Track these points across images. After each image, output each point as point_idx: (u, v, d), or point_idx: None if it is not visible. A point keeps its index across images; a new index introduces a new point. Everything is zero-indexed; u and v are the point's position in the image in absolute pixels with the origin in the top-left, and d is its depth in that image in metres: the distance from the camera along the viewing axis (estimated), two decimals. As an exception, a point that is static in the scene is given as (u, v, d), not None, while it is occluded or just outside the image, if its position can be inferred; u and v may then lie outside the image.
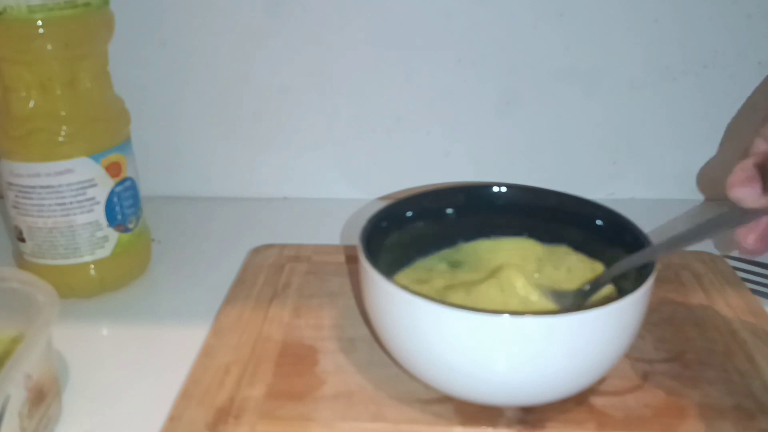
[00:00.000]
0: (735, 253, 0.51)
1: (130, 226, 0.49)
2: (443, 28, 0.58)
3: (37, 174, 0.45)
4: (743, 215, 0.35)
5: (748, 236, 0.36)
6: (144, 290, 0.50)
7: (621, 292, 0.34)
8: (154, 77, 0.60)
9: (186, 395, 0.37)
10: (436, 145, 0.62)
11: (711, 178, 0.62)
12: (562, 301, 0.38)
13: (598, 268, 0.41)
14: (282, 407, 0.37)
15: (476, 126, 0.61)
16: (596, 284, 0.39)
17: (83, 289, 0.48)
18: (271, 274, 0.49)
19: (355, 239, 0.38)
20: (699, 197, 0.63)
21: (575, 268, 0.42)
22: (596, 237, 0.42)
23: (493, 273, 0.40)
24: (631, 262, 0.37)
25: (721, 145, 0.61)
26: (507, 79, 0.59)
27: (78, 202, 0.46)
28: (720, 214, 0.35)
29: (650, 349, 0.41)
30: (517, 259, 0.42)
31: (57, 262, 0.47)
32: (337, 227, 0.57)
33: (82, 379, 0.41)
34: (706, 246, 0.52)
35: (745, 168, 0.35)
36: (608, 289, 0.40)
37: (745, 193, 0.34)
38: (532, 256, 0.43)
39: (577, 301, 0.39)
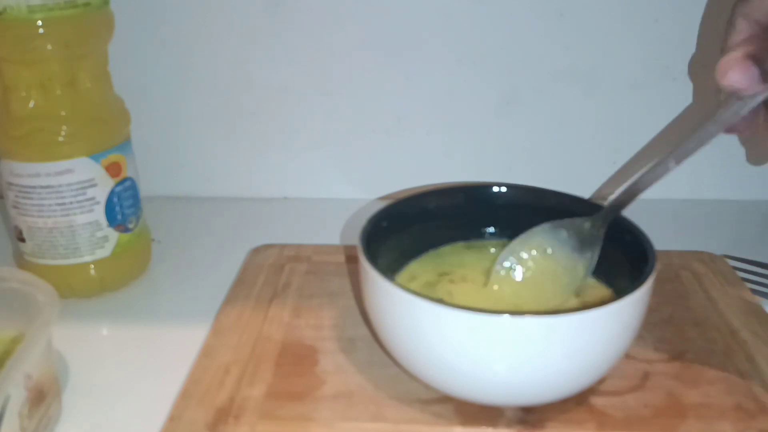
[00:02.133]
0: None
1: (130, 226, 0.49)
2: (443, 28, 0.58)
3: (37, 174, 0.45)
4: (735, 111, 0.32)
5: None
6: (144, 290, 0.50)
7: (620, 293, 0.34)
8: (154, 77, 0.60)
9: (186, 395, 0.37)
10: (436, 145, 0.62)
11: (712, 176, 0.62)
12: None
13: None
14: (282, 407, 0.37)
15: (476, 126, 0.61)
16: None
17: (83, 289, 0.48)
18: (271, 274, 0.49)
19: (355, 239, 0.38)
20: (699, 197, 0.63)
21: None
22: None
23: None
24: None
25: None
26: (507, 79, 0.59)
27: (78, 202, 0.46)
28: (713, 118, 0.33)
29: (650, 349, 0.41)
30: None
31: (57, 262, 0.47)
32: (337, 227, 0.57)
33: (82, 379, 0.41)
34: (706, 246, 0.52)
35: (737, 55, 0.31)
36: (603, 290, 0.40)
37: (741, 77, 0.31)
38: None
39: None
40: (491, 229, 0.45)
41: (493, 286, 0.41)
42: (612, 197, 0.39)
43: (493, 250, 0.44)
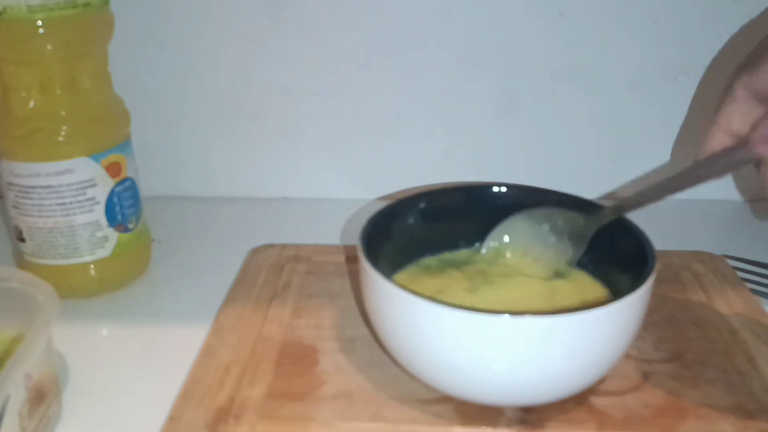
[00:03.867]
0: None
1: (130, 226, 0.49)
2: (443, 28, 0.58)
3: (37, 174, 0.45)
4: (729, 164, 0.34)
5: None
6: (144, 290, 0.50)
7: (620, 293, 0.34)
8: (155, 77, 0.60)
9: (186, 395, 0.37)
10: (436, 145, 0.62)
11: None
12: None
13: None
14: (282, 407, 0.37)
15: (476, 126, 0.61)
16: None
17: (83, 289, 0.48)
18: (271, 274, 0.49)
19: (355, 239, 0.38)
20: (699, 197, 0.63)
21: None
22: (596, 237, 0.42)
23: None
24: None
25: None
26: (507, 79, 0.59)
27: (78, 202, 0.46)
28: (696, 165, 0.35)
29: (650, 349, 0.41)
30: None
31: (57, 262, 0.47)
32: (337, 227, 0.57)
33: (82, 379, 0.41)
34: (706, 246, 0.52)
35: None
36: (602, 290, 0.40)
37: None
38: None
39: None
40: (490, 229, 0.45)
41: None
42: (612, 202, 0.40)
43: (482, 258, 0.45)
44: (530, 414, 0.36)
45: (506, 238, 0.43)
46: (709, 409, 0.36)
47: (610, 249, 0.41)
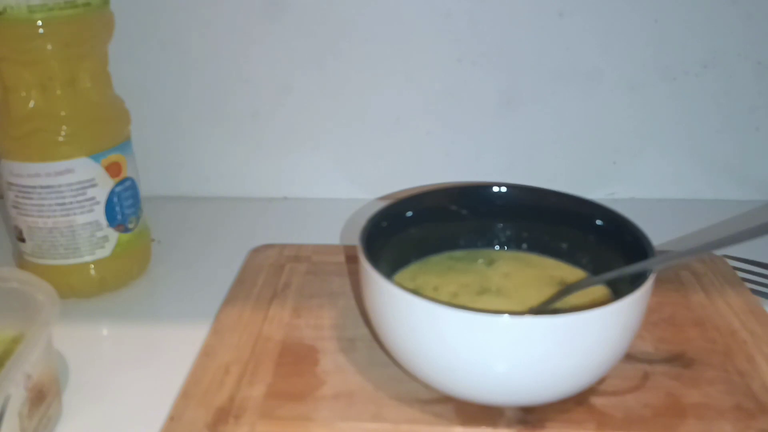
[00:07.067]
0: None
1: (130, 226, 0.49)
2: (443, 28, 0.58)
3: (37, 174, 0.45)
4: None
5: None
6: (144, 290, 0.50)
7: (619, 293, 0.34)
8: (154, 77, 0.60)
9: (186, 395, 0.37)
10: (436, 145, 0.62)
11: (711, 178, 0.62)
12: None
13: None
14: (282, 407, 0.37)
15: (476, 126, 0.61)
16: (578, 285, 0.39)
17: (83, 289, 0.48)
18: (271, 274, 0.49)
19: (355, 239, 0.38)
20: (699, 197, 0.63)
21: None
22: (596, 237, 0.42)
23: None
24: (626, 270, 0.36)
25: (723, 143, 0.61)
26: (507, 79, 0.59)
27: (78, 202, 0.46)
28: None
29: (650, 349, 0.41)
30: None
31: (57, 262, 0.47)
32: (337, 227, 0.57)
33: (82, 379, 0.41)
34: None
35: None
36: (602, 290, 0.40)
37: None
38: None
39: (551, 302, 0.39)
40: (490, 229, 0.45)
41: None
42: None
43: (481, 260, 0.44)
44: (530, 414, 0.36)
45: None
46: (709, 409, 0.36)
47: (610, 249, 0.41)
